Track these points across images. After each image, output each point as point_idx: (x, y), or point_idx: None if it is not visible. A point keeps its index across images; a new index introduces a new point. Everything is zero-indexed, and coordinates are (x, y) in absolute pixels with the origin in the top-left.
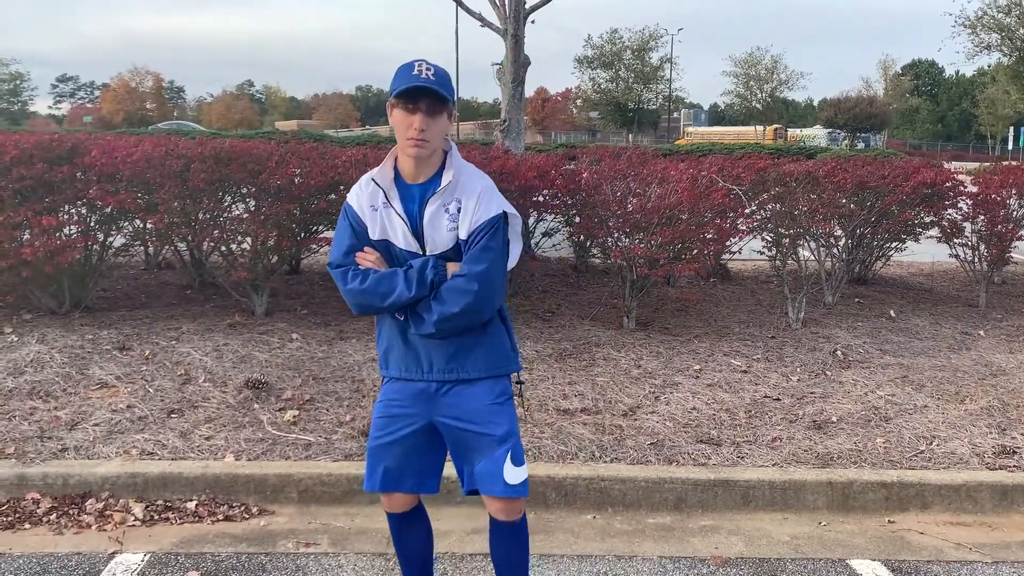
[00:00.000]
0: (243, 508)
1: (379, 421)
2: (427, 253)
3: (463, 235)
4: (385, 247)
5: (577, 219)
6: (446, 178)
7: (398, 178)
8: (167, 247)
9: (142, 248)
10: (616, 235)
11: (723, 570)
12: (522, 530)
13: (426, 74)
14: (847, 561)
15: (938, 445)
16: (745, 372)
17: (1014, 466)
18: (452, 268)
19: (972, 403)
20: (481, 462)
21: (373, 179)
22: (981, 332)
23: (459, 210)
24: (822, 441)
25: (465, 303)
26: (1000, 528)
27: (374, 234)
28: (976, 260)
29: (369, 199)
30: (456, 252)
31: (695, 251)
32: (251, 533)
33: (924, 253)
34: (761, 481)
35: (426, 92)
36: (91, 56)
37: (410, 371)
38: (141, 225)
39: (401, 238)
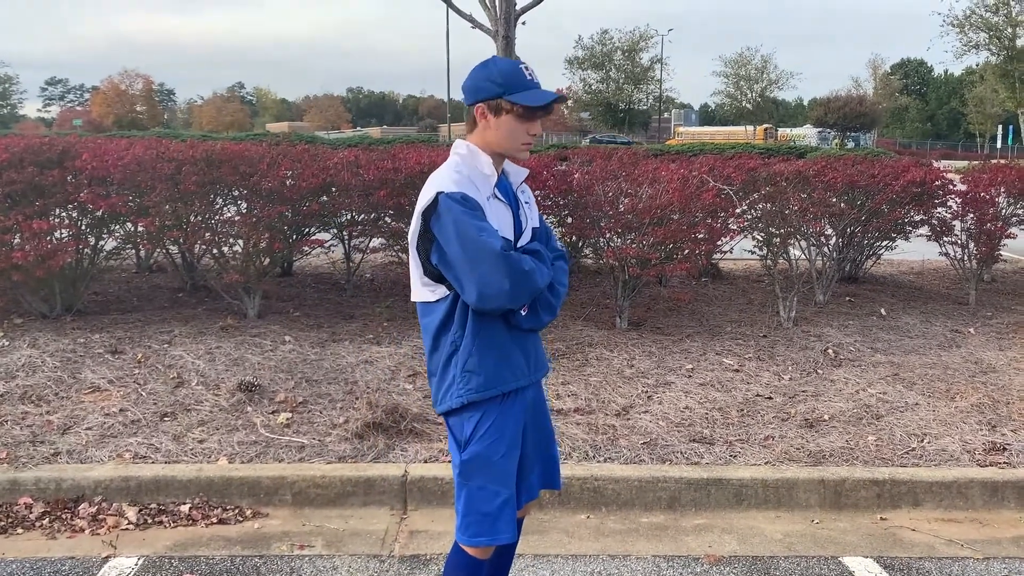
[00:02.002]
0: (237, 511)
1: (502, 463)
2: (519, 243)
3: (536, 223)
4: None
5: (569, 220)
6: (515, 172)
7: None
8: (159, 250)
9: (133, 251)
10: (608, 235)
11: (717, 568)
12: None
13: (537, 80)
14: (840, 558)
15: (929, 442)
16: (737, 371)
17: (1004, 463)
18: None
19: (963, 400)
20: (548, 457)
21: (473, 174)
22: (971, 330)
23: (528, 201)
24: (814, 439)
25: (567, 281)
26: (991, 524)
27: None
28: (966, 258)
29: (482, 190)
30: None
31: (686, 251)
32: (245, 536)
33: (914, 251)
34: (754, 480)
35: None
36: (81, 58)
37: (526, 374)
38: (132, 228)
39: (507, 228)
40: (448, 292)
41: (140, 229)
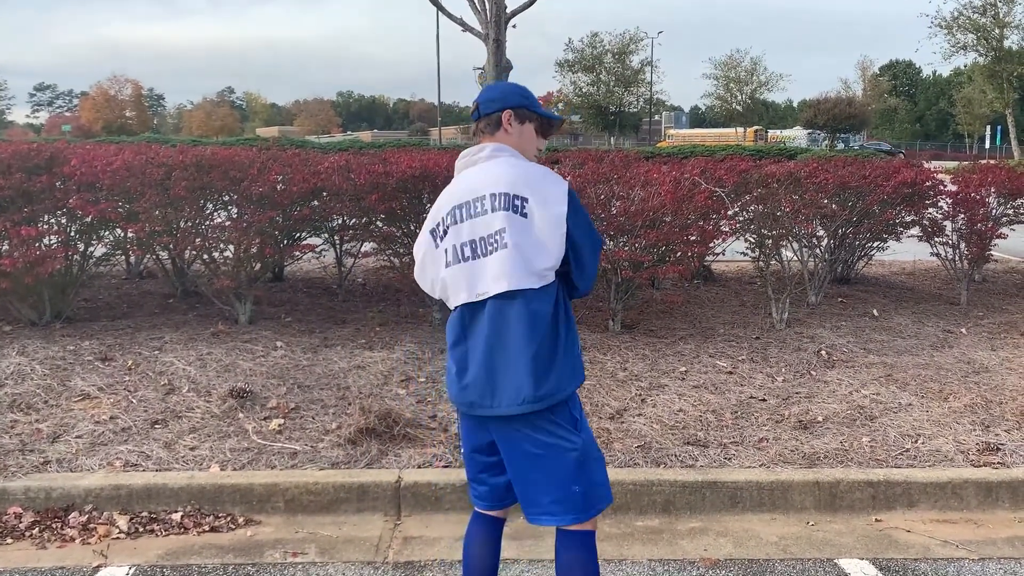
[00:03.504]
0: (229, 518)
1: None
2: None
3: None
4: None
5: None
6: None
7: None
8: (149, 256)
9: (123, 257)
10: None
11: (712, 572)
12: None
13: None
14: (835, 560)
15: (923, 443)
16: (731, 373)
17: (998, 463)
18: None
19: (956, 401)
20: None
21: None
22: (963, 330)
23: None
24: (808, 441)
25: None
26: (985, 525)
27: None
28: (957, 258)
29: None
30: None
31: (679, 253)
32: (238, 544)
33: (906, 252)
34: (748, 482)
35: None
36: (69, 64)
37: None
38: (122, 234)
39: None
40: (553, 279)
41: (130, 235)
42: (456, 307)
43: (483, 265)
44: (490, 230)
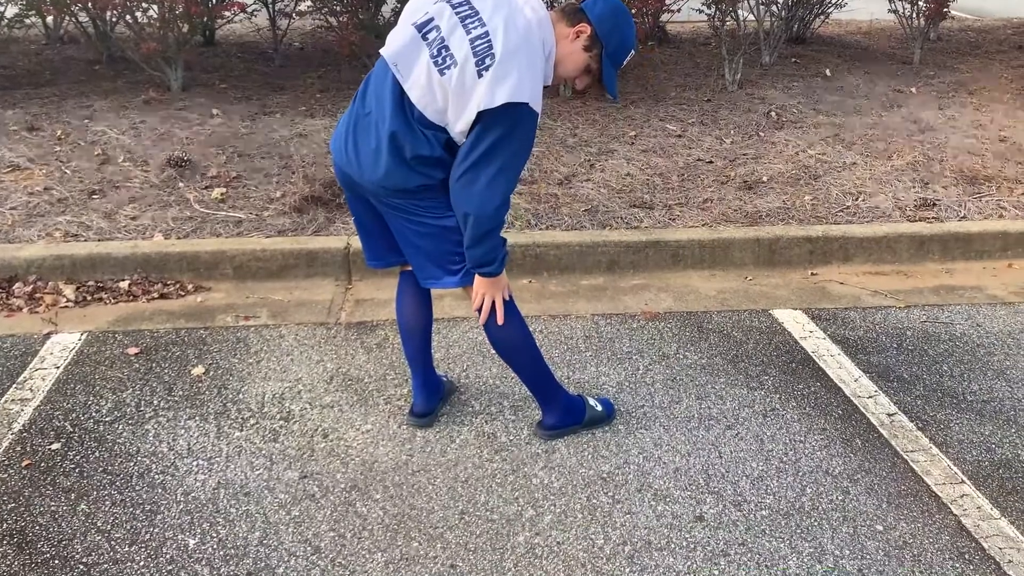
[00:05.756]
0: (178, 285)
1: None
2: None
3: None
4: None
5: None
6: None
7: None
8: (67, 18)
9: (39, 19)
10: None
11: (652, 324)
12: None
13: None
14: (770, 311)
15: (863, 200)
16: (680, 136)
17: (933, 217)
18: None
19: (899, 159)
20: None
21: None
22: (913, 89)
23: None
24: (752, 201)
25: None
26: (915, 276)
27: None
28: (914, 15)
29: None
30: None
31: (633, 11)
32: (188, 309)
33: (862, 10)
34: (691, 240)
35: None
36: None
37: None
38: None
39: None
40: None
41: None
42: (382, 58)
43: (421, 57)
44: (451, 45)
